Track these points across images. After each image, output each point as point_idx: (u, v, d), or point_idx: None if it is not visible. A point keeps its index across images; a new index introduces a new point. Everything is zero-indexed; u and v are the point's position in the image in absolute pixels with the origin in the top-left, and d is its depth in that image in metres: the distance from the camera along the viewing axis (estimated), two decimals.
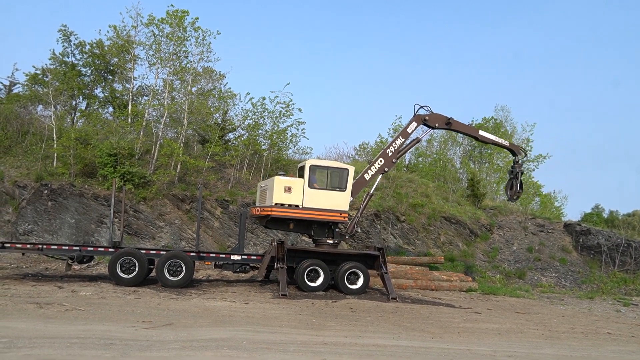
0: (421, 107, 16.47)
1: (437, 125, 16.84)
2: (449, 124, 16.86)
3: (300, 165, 15.97)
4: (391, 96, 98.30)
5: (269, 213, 14.65)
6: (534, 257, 22.31)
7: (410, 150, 18.91)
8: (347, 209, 15.34)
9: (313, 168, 15.13)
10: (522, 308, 15.18)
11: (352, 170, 15.58)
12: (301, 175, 15.16)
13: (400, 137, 16.48)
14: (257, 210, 15.71)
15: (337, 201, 15.21)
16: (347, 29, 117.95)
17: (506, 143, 17.79)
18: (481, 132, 17.49)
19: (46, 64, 24.73)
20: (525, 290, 19.39)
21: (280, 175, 15.16)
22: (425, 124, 16.74)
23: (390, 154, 16.32)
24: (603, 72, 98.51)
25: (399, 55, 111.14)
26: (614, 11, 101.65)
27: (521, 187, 17.59)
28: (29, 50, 72.97)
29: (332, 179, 15.37)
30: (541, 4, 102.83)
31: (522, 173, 17.64)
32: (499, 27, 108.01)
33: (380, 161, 16.24)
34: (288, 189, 14.70)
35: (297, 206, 14.77)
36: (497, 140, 17.56)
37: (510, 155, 19.03)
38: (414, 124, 16.57)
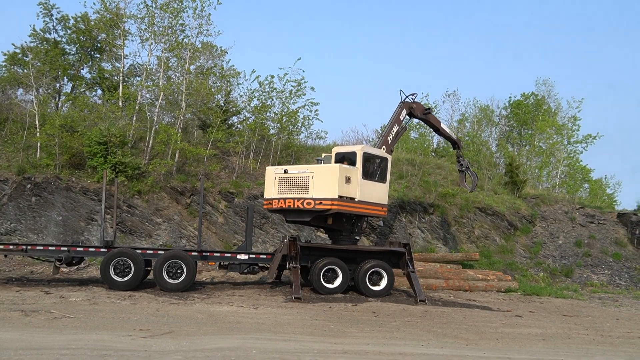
0: (407, 95, 17.55)
1: (418, 114, 18.00)
2: (426, 114, 18.33)
3: (342, 151, 15.67)
4: (413, 73, 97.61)
5: (330, 207, 14.15)
6: (583, 252, 22.08)
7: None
8: (387, 202, 15.65)
9: (366, 156, 15.05)
10: (570, 310, 15.05)
11: (390, 159, 15.90)
12: (351, 163, 14.88)
13: (395, 125, 17.24)
14: (307, 203, 14.29)
15: (380, 193, 15.39)
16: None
17: (454, 136, 19.86)
18: (442, 125, 19.22)
19: (26, 42, 24.88)
20: (573, 290, 19.23)
21: (318, 160, 15.40)
22: (410, 113, 17.81)
23: (390, 141, 16.88)
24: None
25: (422, 30, 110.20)
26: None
27: (475, 175, 19.96)
28: (7, 26, 73.62)
29: (377, 168, 15.47)
30: None
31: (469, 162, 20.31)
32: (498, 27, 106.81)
33: (384, 149, 16.55)
34: (348, 180, 14.36)
35: (352, 199, 14.60)
36: (450, 132, 19.57)
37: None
38: (404, 111, 17.51)
